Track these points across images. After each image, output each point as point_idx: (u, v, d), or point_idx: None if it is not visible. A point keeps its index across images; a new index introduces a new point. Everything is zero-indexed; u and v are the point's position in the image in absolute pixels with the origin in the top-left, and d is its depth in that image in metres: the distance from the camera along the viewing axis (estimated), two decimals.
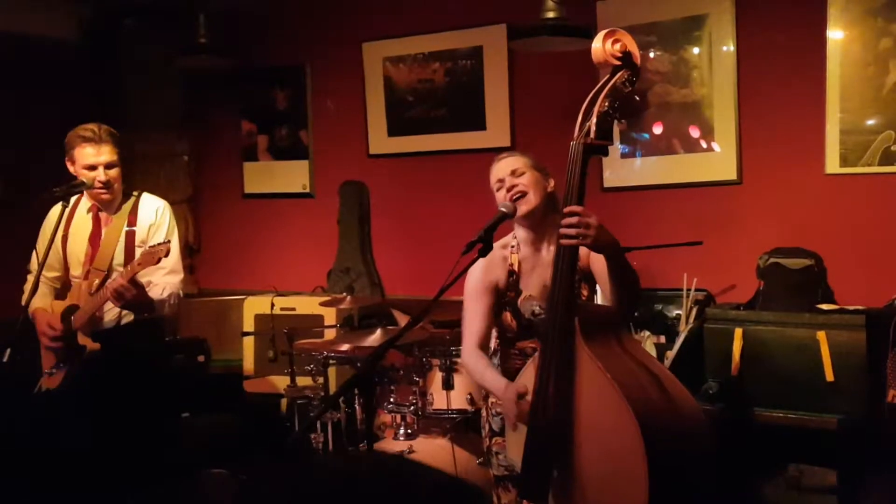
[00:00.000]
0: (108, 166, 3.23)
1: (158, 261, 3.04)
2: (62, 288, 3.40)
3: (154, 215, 3.31)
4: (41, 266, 3.23)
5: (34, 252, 3.36)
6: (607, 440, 2.09)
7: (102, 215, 3.31)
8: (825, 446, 3.05)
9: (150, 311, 3.23)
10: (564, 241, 2.16)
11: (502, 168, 2.64)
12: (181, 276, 3.36)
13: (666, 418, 2.11)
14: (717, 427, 2.49)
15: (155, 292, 3.21)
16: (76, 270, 3.31)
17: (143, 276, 3.14)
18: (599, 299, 2.66)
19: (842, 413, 3.00)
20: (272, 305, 4.25)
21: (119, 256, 3.24)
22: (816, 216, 3.61)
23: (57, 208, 3.25)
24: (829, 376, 3.02)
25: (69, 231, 3.32)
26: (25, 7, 4.73)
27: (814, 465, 3.15)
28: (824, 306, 3.21)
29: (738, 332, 3.19)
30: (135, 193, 3.36)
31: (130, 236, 3.27)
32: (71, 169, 3.27)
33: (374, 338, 3.39)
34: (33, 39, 4.79)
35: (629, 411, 2.03)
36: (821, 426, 3.02)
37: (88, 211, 3.33)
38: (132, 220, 3.28)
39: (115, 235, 3.26)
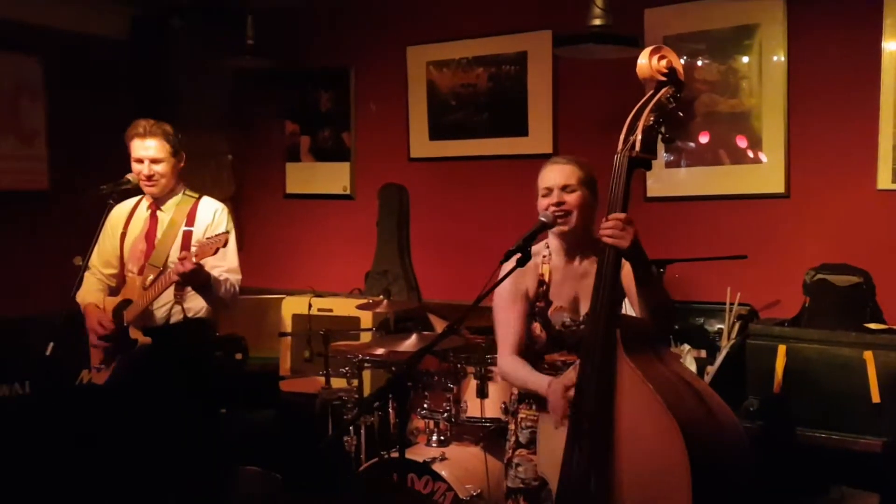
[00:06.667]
0: (153, 161, 3.31)
1: (216, 251, 3.08)
2: (117, 286, 3.45)
3: (212, 217, 3.38)
4: (85, 262, 3.30)
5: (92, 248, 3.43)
6: (649, 451, 2.06)
7: (159, 213, 3.38)
8: (869, 469, 2.98)
9: (208, 293, 3.24)
10: (604, 238, 2.17)
11: (554, 177, 2.53)
12: (239, 276, 3.41)
13: (708, 430, 2.09)
14: (756, 445, 2.44)
15: (213, 275, 3.25)
16: (132, 266, 3.37)
17: None
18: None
19: (887, 435, 2.93)
20: (310, 306, 4.26)
21: (174, 254, 3.29)
22: (866, 232, 3.52)
23: (116, 207, 3.36)
24: (876, 398, 2.95)
25: (128, 228, 3.40)
26: (75, 6, 4.81)
27: (856, 489, 3.08)
28: (872, 325, 3.13)
29: (782, 349, 3.13)
30: (195, 195, 3.43)
31: (187, 236, 3.33)
32: None
33: (410, 343, 3.37)
34: (82, 38, 4.86)
35: (673, 421, 2.01)
36: (865, 448, 2.96)
37: (148, 208, 3.41)
38: (190, 221, 3.35)
39: (173, 234, 3.33)
